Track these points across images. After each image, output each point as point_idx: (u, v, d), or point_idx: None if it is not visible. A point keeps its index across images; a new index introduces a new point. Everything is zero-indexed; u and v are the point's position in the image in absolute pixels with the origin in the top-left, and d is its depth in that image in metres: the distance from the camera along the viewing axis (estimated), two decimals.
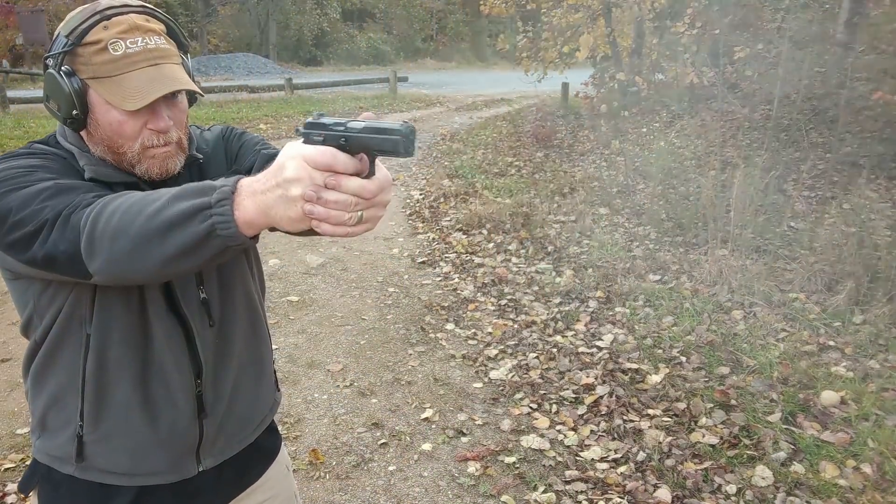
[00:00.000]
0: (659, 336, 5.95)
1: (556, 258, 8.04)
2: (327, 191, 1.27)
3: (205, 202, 1.35)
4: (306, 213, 1.28)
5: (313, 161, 1.26)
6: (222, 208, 1.33)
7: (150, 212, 1.40)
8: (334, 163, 1.26)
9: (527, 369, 5.64)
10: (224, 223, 1.33)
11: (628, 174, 11.05)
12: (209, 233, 1.34)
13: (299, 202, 1.28)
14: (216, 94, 23.02)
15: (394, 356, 5.94)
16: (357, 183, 1.28)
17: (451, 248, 8.73)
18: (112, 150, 1.77)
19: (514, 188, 11.37)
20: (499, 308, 6.85)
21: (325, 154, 1.26)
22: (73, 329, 1.78)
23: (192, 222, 1.35)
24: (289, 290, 7.46)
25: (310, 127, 1.32)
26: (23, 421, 4.97)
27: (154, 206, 1.40)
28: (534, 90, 20.02)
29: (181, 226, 1.36)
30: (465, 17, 61.58)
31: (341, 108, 22.20)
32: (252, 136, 2.12)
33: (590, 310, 6.61)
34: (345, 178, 1.27)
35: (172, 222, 1.37)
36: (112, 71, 1.70)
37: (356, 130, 1.26)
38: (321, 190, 1.27)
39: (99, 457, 1.87)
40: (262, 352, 2.15)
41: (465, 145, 15.83)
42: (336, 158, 1.26)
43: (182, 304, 1.86)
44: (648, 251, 7.95)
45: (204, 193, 1.37)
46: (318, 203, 1.27)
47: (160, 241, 1.39)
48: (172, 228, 1.37)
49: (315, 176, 1.26)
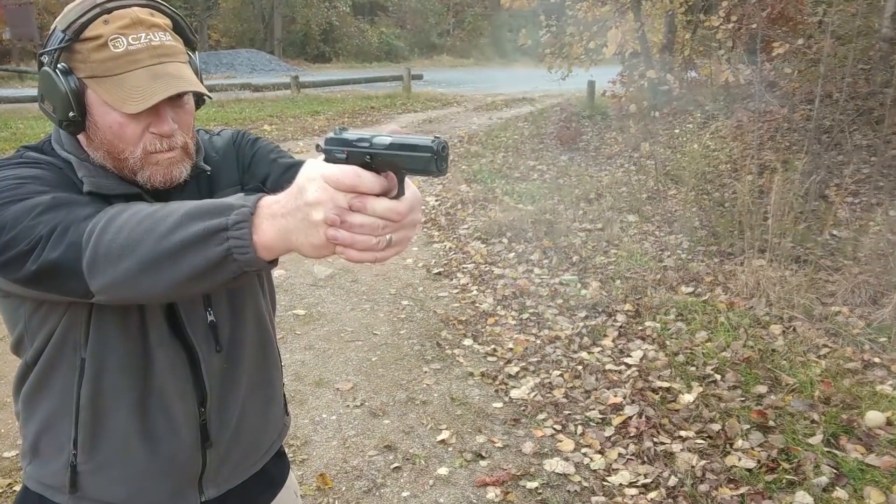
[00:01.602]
0: (692, 352, 5.95)
1: (581, 269, 8.06)
2: (352, 214, 1.22)
3: (221, 223, 1.32)
4: (330, 238, 1.23)
5: (336, 181, 1.21)
6: (240, 231, 1.30)
7: (161, 231, 1.37)
8: (359, 183, 1.20)
9: (550, 388, 5.66)
10: (241, 247, 1.30)
11: (659, 179, 11.06)
12: (225, 257, 1.32)
13: (322, 227, 1.23)
14: (217, 93, 23.09)
15: (407, 374, 5.97)
16: (385, 204, 1.22)
17: (468, 257, 8.76)
18: (112, 156, 1.75)
19: (537, 194, 11.39)
20: (520, 322, 6.87)
21: (348, 173, 1.20)
22: (66, 353, 1.76)
23: (206, 245, 1.33)
24: (295, 302, 7.50)
25: (331, 143, 1.29)
26: (10, 443, 5.00)
27: (166, 225, 1.38)
28: (558, 89, 20.05)
29: (195, 248, 1.34)
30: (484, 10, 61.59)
31: (351, 108, 22.26)
32: (266, 144, 2.10)
33: (618, 324, 6.62)
34: (371, 200, 1.22)
35: (185, 244, 1.34)
36: (112, 69, 1.67)
37: (382, 147, 1.22)
38: (345, 213, 1.22)
39: (94, 487, 1.85)
40: (272, 375, 2.13)
41: (484, 148, 15.86)
42: (361, 178, 1.20)
43: (187, 328, 1.85)
44: (680, 261, 7.95)
45: (220, 213, 1.33)
46: (342, 227, 1.22)
47: (171, 264, 1.36)
48: (185, 250, 1.34)
49: (338, 198, 1.21)
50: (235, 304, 1.96)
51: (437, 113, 22.46)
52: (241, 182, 2.02)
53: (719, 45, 14.00)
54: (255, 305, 2.02)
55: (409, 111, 22.80)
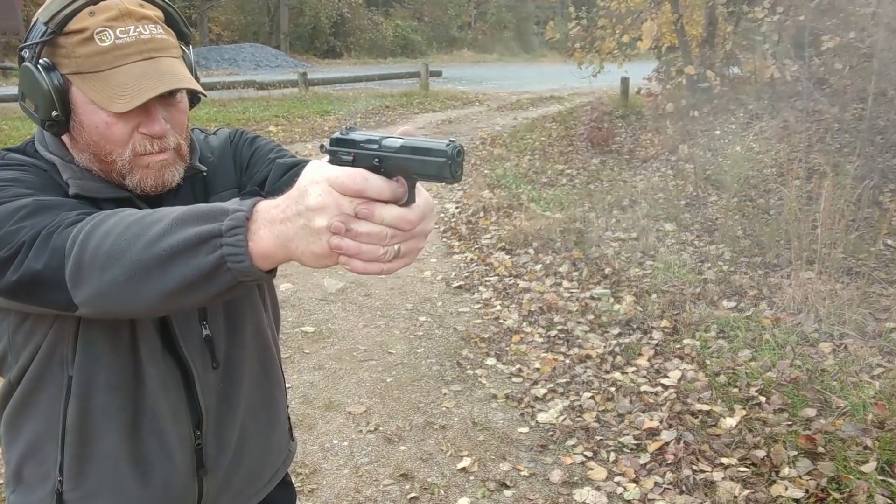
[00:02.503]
0: (734, 373, 5.95)
1: (614, 282, 8.06)
2: (358, 221, 1.19)
3: (214, 229, 1.30)
4: (333, 247, 1.21)
5: (341, 186, 1.18)
6: (234, 237, 1.28)
7: (149, 237, 1.36)
8: (366, 188, 1.18)
9: (580, 411, 5.67)
10: (236, 255, 1.28)
11: (698, 184, 11.05)
12: (218, 266, 1.30)
13: (325, 235, 1.21)
14: (218, 92, 23.04)
15: (425, 396, 5.99)
16: (394, 212, 1.20)
17: (492, 270, 8.78)
18: (99, 158, 1.74)
19: (566, 200, 11.42)
20: (548, 340, 6.88)
21: (355, 177, 1.18)
22: (52, 370, 1.75)
23: (198, 252, 1.31)
24: (303, 319, 7.53)
25: (337, 144, 1.27)
26: None
27: (154, 231, 1.36)
28: (588, 86, 20.03)
29: (185, 256, 1.32)
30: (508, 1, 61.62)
31: (364, 107, 22.28)
32: (266, 142, 2.09)
33: (654, 342, 6.63)
34: (379, 206, 1.20)
35: (175, 251, 1.33)
36: (99, 65, 1.67)
37: (393, 150, 1.20)
38: (351, 220, 1.19)
39: None
40: (275, 396, 2.13)
41: (508, 150, 15.89)
42: (368, 182, 1.18)
43: (181, 343, 1.84)
44: (722, 274, 7.95)
45: (213, 218, 1.32)
46: (347, 236, 1.20)
47: (160, 273, 1.34)
48: (175, 258, 1.33)
49: (343, 204, 1.19)
50: (233, 318, 1.95)
51: (458, 113, 22.51)
52: (238, 184, 2.01)
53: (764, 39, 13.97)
54: (255, 319, 2.02)
55: (427, 111, 22.84)
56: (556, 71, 31.29)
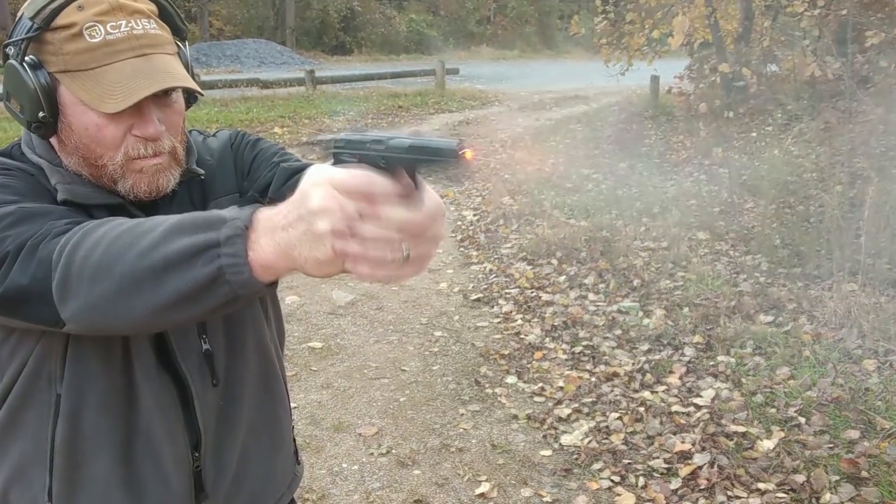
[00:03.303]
0: (772, 392, 5.95)
1: (643, 294, 8.07)
2: (363, 224, 1.19)
3: (211, 239, 1.30)
4: (338, 252, 1.20)
5: (345, 187, 1.19)
6: (233, 247, 1.28)
7: (142, 247, 1.35)
8: (372, 188, 1.18)
9: (607, 433, 5.67)
10: (234, 266, 1.28)
11: (734, 190, 11.03)
12: (215, 278, 1.30)
13: (328, 239, 1.20)
14: (220, 91, 23.02)
15: (441, 417, 6.00)
16: (401, 213, 1.20)
17: (512, 281, 8.80)
18: (89, 163, 1.74)
19: (592, 207, 11.42)
20: (572, 357, 6.89)
21: (359, 178, 1.19)
22: (39, 388, 1.74)
23: (194, 263, 1.31)
24: (310, 334, 7.54)
25: (340, 145, 1.30)
26: None
27: (147, 241, 1.36)
28: (616, 85, 19.95)
29: (180, 267, 1.32)
30: None
31: (375, 107, 22.31)
32: (269, 145, 2.08)
33: (686, 359, 6.63)
34: (385, 208, 1.19)
35: (169, 262, 1.32)
36: (88, 62, 1.66)
37: (399, 150, 1.22)
38: (356, 223, 1.19)
39: None
40: (279, 415, 2.13)
41: (530, 154, 15.85)
42: (374, 183, 1.19)
43: (179, 358, 1.83)
44: (759, 286, 7.95)
45: (211, 227, 1.32)
46: (352, 240, 1.19)
47: (153, 286, 1.34)
48: (169, 270, 1.33)
49: (347, 206, 1.18)
50: (234, 332, 1.95)
51: (476, 113, 22.52)
52: (239, 189, 2.01)
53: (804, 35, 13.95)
54: (257, 334, 2.02)
55: (443, 111, 22.85)
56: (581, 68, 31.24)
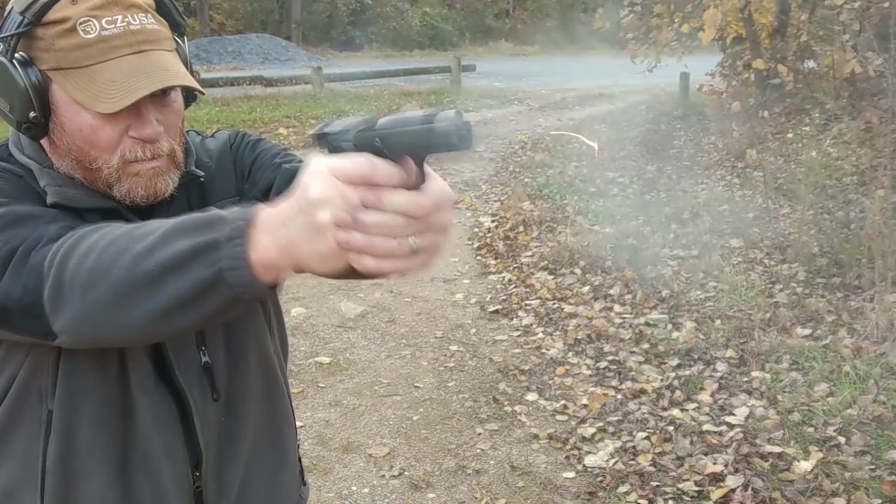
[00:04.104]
0: (809, 410, 5.94)
1: (672, 306, 8.06)
2: (366, 211, 1.18)
3: (211, 240, 1.30)
4: (341, 243, 1.18)
5: (344, 173, 1.18)
6: (234, 248, 1.28)
7: (137, 251, 1.35)
8: (373, 173, 1.17)
9: (634, 454, 5.67)
10: (235, 267, 1.28)
11: (769, 194, 11.01)
12: (215, 280, 1.29)
13: (330, 230, 1.19)
14: (221, 89, 23.04)
15: (457, 436, 6.00)
16: (404, 196, 1.19)
17: (533, 292, 8.80)
18: (82, 166, 1.73)
19: (617, 213, 11.41)
20: (596, 372, 6.88)
21: (360, 163, 1.17)
22: (29, 404, 1.73)
23: (193, 266, 1.30)
24: (318, 348, 7.55)
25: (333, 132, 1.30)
26: None
27: (143, 244, 1.35)
28: (643, 83, 19.99)
29: (179, 270, 1.31)
30: None
31: (387, 106, 22.34)
32: (270, 146, 2.08)
33: (717, 375, 6.62)
34: (388, 193, 1.18)
35: (167, 266, 1.32)
36: (82, 60, 1.66)
37: (393, 127, 1.20)
38: (357, 210, 1.17)
39: None
40: (284, 433, 2.12)
41: (552, 156, 15.92)
42: (374, 167, 1.17)
43: (177, 371, 1.82)
44: (795, 297, 7.94)
45: (210, 228, 1.31)
46: (354, 229, 1.17)
47: (150, 291, 1.34)
48: (167, 274, 1.32)
49: (348, 193, 1.17)
50: (235, 344, 1.94)
51: (494, 113, 22.57)
52: (239, 192, 2.01)
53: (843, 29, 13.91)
54: (259, 345, 2.01)
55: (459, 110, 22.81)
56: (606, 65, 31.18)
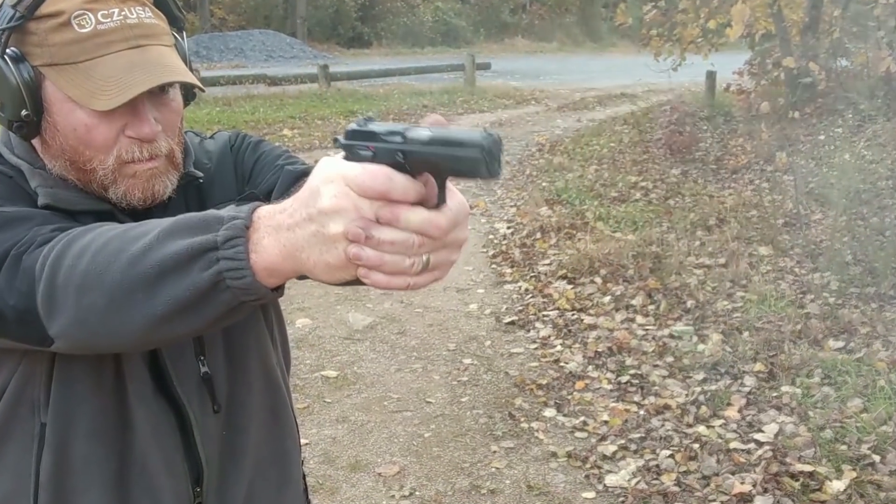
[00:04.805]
0: (842, 426, 5.93)
1: (697, 317, 8.05)
2: (380, 227, 1.18)
3: (209, 240, 1.30)
4: (351, 257, 1.20)
5: (360, 185, 1.17)
6: (233, 249, 1.28)
7: (133, 253, 1.35)
8: (390, 187, 1.17)
9: (657, 473, 5.67)
10: (235, 270, 1.28)
11: (799, 200, 11.00)
12: (215, 283, 1.29)
13: (341, 243, 1.20)
14: (221, 88, 23.01)
15: (471, 454, 6.00)
16: (422, 215, 1.19)
17: (551, 302, 8.80)
18: (76, 167, 1.73)
19: (640, 219, 11.44)
20: (618, 387, 6.88)
21: (377, 175, 1.17)
22: (21, 416, 1.72)
23: (191, 268, 1.30)
24: (324, 361, 7.56)
25: (353, 136, 1.26)
26: None
27: (139, 246, 1.36)
28: (667, 82, 19.96)
29: (176, 273, 1.31)
30: None
31: (397, 107, 22.34)
32: (272, 147, 2.09)
33: (745, 389, 6.61)
34: (404, 209, 1.18)
35: (164, 268, 1.32)
36: (77, 55, 1.65)
37: (419, 142, 1.18)
38: (371, 226, 1.18)
39: None
40: (287, 448, 2.12)
41: (570, 159, 15.92)
42: (392, 181, 1.17)
43: (175, 381, 1.81)
44: (828, 307, 7.92)
45: (208, 228, 1.32)
46: (367, 244, 1.18)
47: (146, 295, 1.34)
48: (164, 276, 1.32)
49: (363, 206, 1.18)
50: (236, 352, 1.94)
51: (510, 113, 22.56)
52: (239, 195, 1.99)
53: (878, 25, 13.90)
54: (261, 355, 2.01)
55: (473, 111, 22.89)
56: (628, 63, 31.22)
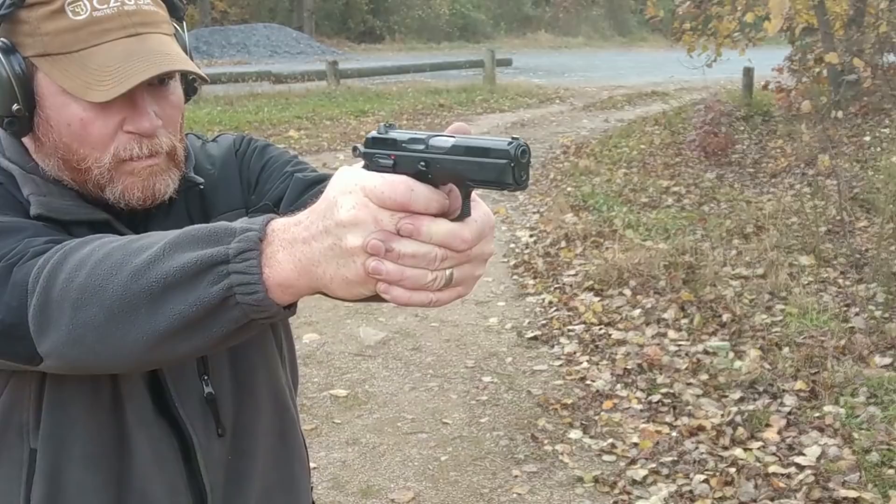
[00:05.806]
0: (889, 449, 5.92)
1: (734, 332, 8.03)
2: (401, 240, 1.19)
3: (219, 253, 1.29)
4: (371, 272, 1.20)
5: (380, 196, 1.18)
6: (245, 263, 1.28)
7: (135, 265, 1.35)
8: (411, 198, 1.18)
9: (691, 499, 5.66)
10: (247, 285, 1.28)
11: (843, 205, 10.98)
12: (224, 298, 1.29)
13: (360, 256, 1.20)
14: (223, 85, 23.00)
15: (491, 479, 6.00)
16: (445, 227, 1.20)
17: (576, 316, 8.79)
18: (70, 166, 1.72)
19: (672, 226, 11.42)
20: (648, 407, 6.87)
21: (397, 186, 1.18)
22: (9, 441, 1.71)
23: (199, 282, 1.30)
24: (333, 380, 7.55)
25: (373, 145, 1.28)
26: None
27: (143, 258, 1.35)
28: (701, 79, 19.94)
29: (183, 287, 1.31)
30: None
31: (411, 106, 22.32)
32: (280, 152, 2.08)
33: (785, 409, 6.60)
34: (427, 221, 1.19)
35: (170, 281, 1.31)
36: (72, 44, 1.64)
37: (442, 150, 1.20)
38: (392, 239, 1.18)
39: None
40: (296, 473, 2.11)
41: (597, 162, 15.92)
42: (414, 192, 1.18)
43: (177, 402, 1.80)
44: (874, 321, 7.90)
45: (218, 240, 1.31)
46: (387, 257, 1.19)
47: (150, 311, 1.34)
48: (169, 291, 1.32)
49: (383, 218, 1.18)
50: (242, 372, 1.92)
51: (533, 113, 22.54)
52: (245, 204, 2.00)
53: None
54: (270, 376, 2.00)
55: (493, 110, 22.87)
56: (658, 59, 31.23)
